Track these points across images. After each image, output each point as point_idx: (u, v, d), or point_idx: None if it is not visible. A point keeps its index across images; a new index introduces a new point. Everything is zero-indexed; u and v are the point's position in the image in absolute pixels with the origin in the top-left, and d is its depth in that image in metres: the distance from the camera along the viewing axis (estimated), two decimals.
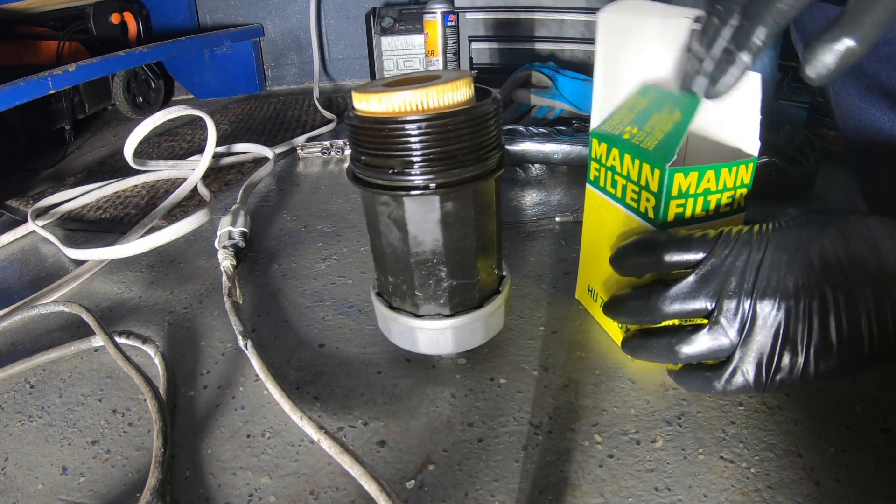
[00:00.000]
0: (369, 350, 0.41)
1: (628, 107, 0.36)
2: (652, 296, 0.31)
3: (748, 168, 0.33)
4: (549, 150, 0.67)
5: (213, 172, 0.79)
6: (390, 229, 0.34)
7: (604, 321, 0.40)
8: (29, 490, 0.31)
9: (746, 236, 0.29)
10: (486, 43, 1.14)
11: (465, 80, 0.32)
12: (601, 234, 0.39)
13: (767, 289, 0.28)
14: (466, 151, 0.32)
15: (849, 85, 0.42)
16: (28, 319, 0.47)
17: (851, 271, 0.27)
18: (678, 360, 0.31)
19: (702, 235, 0.30)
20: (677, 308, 0.30)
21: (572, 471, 0.30)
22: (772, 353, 0.28)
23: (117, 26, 1.15)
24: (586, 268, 0.42)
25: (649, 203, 0.33)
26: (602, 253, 0.38)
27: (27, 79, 0.76)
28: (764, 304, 0.28)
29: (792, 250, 0.28)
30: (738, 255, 0.29)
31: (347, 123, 0.34)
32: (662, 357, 0.32)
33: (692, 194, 0.32)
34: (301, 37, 1.34)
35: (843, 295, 0.27)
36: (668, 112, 0.33)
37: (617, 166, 0.36)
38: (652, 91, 0.35)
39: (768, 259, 0.28)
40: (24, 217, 0.66)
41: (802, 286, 0.27)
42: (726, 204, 0.34)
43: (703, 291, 0.29)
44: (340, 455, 0.30)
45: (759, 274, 0.28)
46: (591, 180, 0.39)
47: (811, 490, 0.28)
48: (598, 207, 0.39)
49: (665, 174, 0.31)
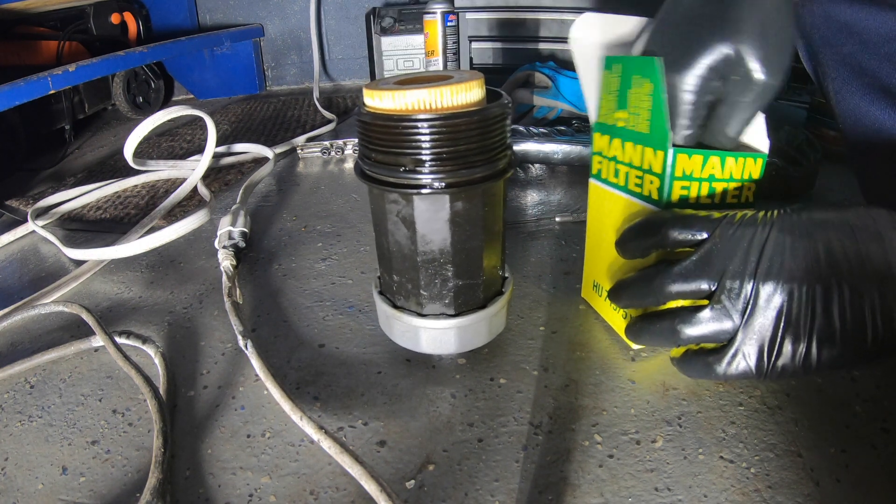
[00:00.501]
0: (369, 350, 0.41)
1: (607, 89, 0.37)
2: (656, 277, 0.31)
3: (756, 162, 0.33)
4: (549, 150, 0.67)
5: (213, 172, 0.79)
6: (398, 227, 0.34)
7: (608, 315, 0.41)
8: (29, 490, 0.31)
9: (751, 218, 0.29)
10: (486, 43, 1.14)
11: (478, 81, 0.32)
12: (605, 226, 0.39)
13: (770, 271, 0.27)
14: (478, 152, 0.32)
15: (849, 83, 0.42)
16: (28, 319, 0.47)
17: (857, 261, 0.27)
18: (680, 341, 0.31)
19: (706, 216, 0.30)
20: (679, 287, 0.30)
21: (572, 471, 0.30)
22: (773, 337, 0.28)
23: (117, 26, 1.15)
24: (591, 264, 0.42)
25: (653, 185, 0.34)
26: (607, 246, 0.38)
27: (27, 79, 0.76)
28: (766, 287, 0.27)
29: (797, 235, 0.28)
30: (741, 236, 0.28)
31: (358, 120, 0.34)
32: (665, 339, 0.32)
33: (696, 178, 0.33)
34: (301, 37, 1.34)
35: (848, 284, 0.27)
36: (637, 85, 0.33)
37: (619, 155, 0.36)
38: (615, 64, 0.35)
39: (772, 241, 0.28)
40: (24, 217, 0.66)
41: (807, 271, 0.27)
42: (733, 195, 0.34)
43: (706, 271, 0.29)
44: (340, 455, 0.30)
45: (762, 256, 0.28)
46: (594, 174, 0.40)
47: (811, 490, 0.28)
48: (601, 201, 0.39)
49: (668, 153, 0.32)
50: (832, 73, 0.43)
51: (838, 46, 0.42)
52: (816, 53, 0.44)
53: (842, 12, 0.41)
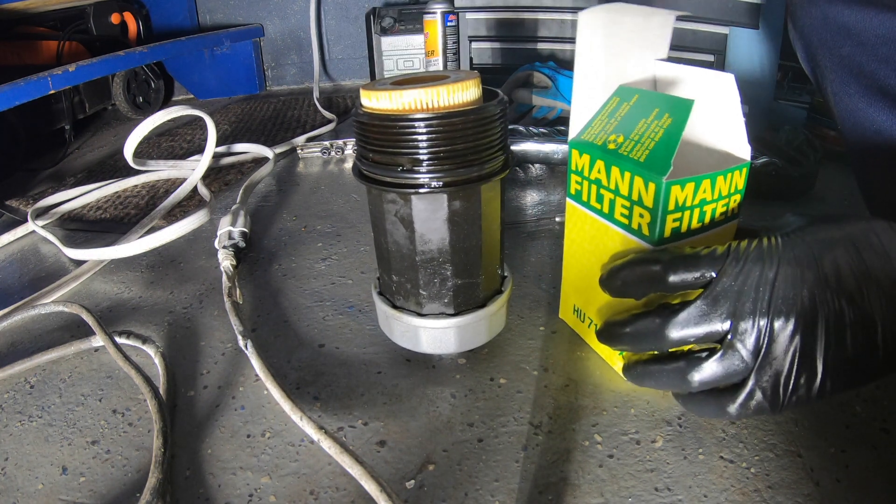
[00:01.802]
0: (369, 350, 0.41)
1: (608, 112, 0.34)
2: (659, 322, 0.29)
3: (742, 173, 0.31)
4: (549, 150, 0.67)
5: (213, 172, 0.79)
6: (396, 227, 0.34)
7: (595, 345, 0.38)
8: (29, 490, 0.31)
9: (756, 252, 0.28)
10: (486, 43, 1.14)
11: (474, 81, 0.33)
12: (587, 252, 0.36)
13: (783, 307, 0.26)
14: (476, 150, 0.32)
15: (848, 85, 0.42)
16: (28, 319, 0.47)
17: (865, 282, 0.27)
18: (690, 388, 0.29)
19: (709, 253, 0.28)
20: (688, 333, 0.28)
21: (572, 471, 0.30)
22: (789, 373, 0.27)
23: (117, 26, 1.15)
24: (571, 286, 0.39)
25: (643, 219, 0.31)
26: (590, 274, 0.36)
27: (27, 79, 0.76)
28: (780, 323, 0.26)
29: (804, 264, 0.27)
30: (749, 272, 0.27)
31: (355, 120, 0.34)
32: (672, 385, 0.30)
33: (689, 206, 0.30)
34: (301, 37, 1.34)
35: (858, 307, 0.26)
36: (655, 118, 0.31)
37: (603, 179, 0.33)
38: (634, 94, 0.33)
39: (782, 275, 0.27)
40: (24, 217, 0.66)
41: (819, 301, 0.26)
42: (721, 213, 0.32)
43: (717, 313, 0.27)
44: (340, 455, 0.30)
45: (773, 292, 0.27)
46: (573, 195, 0.36)
47: (811, 490, 0.28)
48: (582, 224, 0.36)
49: (661, 188, 0.29)
50: (830, 75, 0.43)
51: (836, 48, 0.42)
52: (815, 55, 0.44)
53: (840, 14, 0.41)
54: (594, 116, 0.35)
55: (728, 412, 0.28)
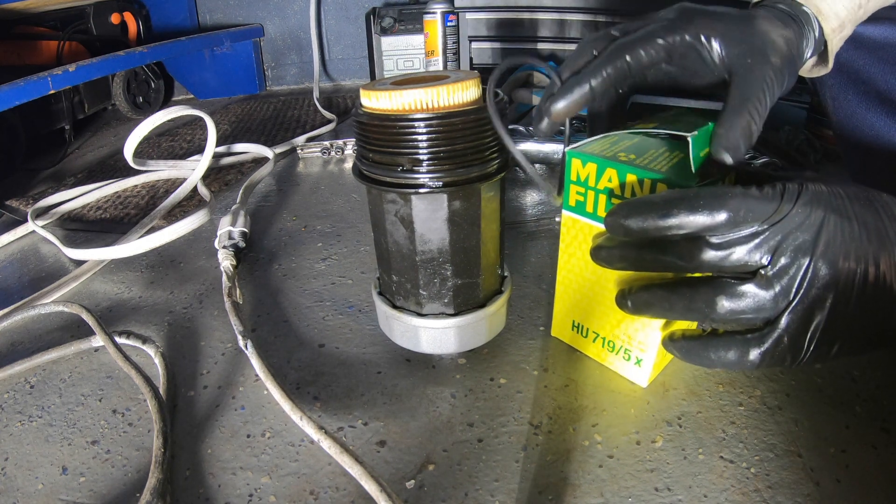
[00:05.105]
0: (369, 350, 0.41)
1: (610, 141, 0.34)
2: (691, 247, 0.27)
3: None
4: (549, 150, 0.67)
5: (213, 172, 0.79)
6: (396, 227, 0.34)
7: (601, 359, 0.37)
8: (29, 490, 0.31)
9: (809, 196, 0.26)
10: (486, 43, 1.14)
11: (474, 81, 0.33)
12: (592, 264, 0.33)
13: (829, 252, 0.25)
14: (476, 150, 0.32)
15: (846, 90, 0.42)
16: (28, 319, 0.47)
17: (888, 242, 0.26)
18: (714, 315, 0.27)
19: (762, 190, 0.26)
20: (722, 254, 0.26)
21: (572, 471, 0.30)
22: (818, 324, 0.26)
23: (117, 26, 1.15)
24: (568, 303, 0.38)
25: None
26: (595, 287, 0.35)
27: (27, 79, 0.76)
28: (822, 268, 0.25)
29: (844, 216, 0.26)
30: (797, 214, 0.26)
31: (355, 121, 0.34)
32: (695, 310, 0.28)
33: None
34: (301, 37, 1.34)
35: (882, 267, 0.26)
36: (667, 151, 0.31)
37: (615, 189, 0.31)
38: (635, 136, 0.33)
39: (829, 223, 0.26)
40: (24, 217, 0.66)
41: (857, 255, 0.26)
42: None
43: (765, 245, 0.26)
44: (340, 455, 0.30)
45: (818, 236, 0.25)
46: (573, 206, 0.34)
47: (811, 490, 0.28)
48: (585, 235, 0.34)
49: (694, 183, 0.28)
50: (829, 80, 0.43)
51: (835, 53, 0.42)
52: None
53: None
54: (592, 140, 0.34)
55: (749, 359, 0.27)
